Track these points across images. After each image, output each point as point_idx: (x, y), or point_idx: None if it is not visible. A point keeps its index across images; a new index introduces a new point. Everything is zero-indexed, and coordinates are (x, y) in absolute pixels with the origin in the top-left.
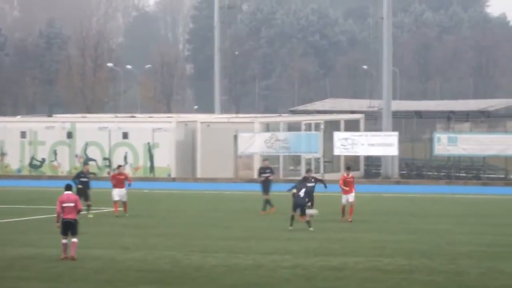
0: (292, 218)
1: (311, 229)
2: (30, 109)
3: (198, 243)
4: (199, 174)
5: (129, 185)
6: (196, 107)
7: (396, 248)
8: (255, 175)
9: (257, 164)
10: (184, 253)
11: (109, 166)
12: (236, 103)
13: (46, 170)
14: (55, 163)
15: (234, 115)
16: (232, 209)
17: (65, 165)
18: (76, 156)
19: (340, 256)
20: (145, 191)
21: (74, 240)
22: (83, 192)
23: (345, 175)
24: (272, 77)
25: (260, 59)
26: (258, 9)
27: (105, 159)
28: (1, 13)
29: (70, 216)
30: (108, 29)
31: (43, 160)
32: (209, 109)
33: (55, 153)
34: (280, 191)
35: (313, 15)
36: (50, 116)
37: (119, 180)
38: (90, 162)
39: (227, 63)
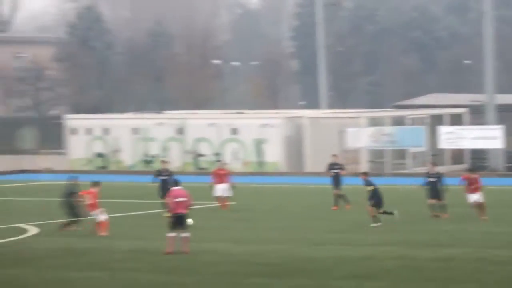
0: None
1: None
2: (140, 107)
3: (307, 236)
4: (307, 169)
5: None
6: (302, 102)
7: (504, 240)
8: (363, 169)
9: (363, 159)
10: (295, 245)
11: (219, 161)
12: (342, 98)
13: (157, 165)
14: (166, 159)
15: (340, 110)
16: (341, 202)
17: (176, 161)
18: (187, 152)
19: (448, 247)
20: (254, 185)
21: (186, 234)
22: (163, 190)
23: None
24: (376, 72)
25: (363, 55)
26: (360, 6)
27: (215, 154)
28: (112, 13)
29: (181, 211)
30: (213, 26)
31: (155, 156)
32: (315, 105)
33: (166, 149)
34: (386, 184)
35: (415, 11)
36: (160, 113)
37: (219, 175)
38: (200, 158)
39: (331, 59)
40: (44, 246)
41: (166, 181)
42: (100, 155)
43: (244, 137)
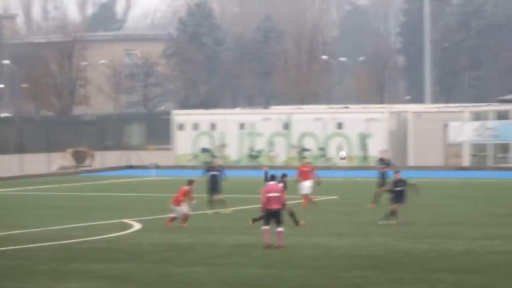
0: None
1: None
2: (248, 101)
3: (408, 229)
4: (410, 162)
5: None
6: (408, 97)
7: None
8: (465, 162)
9: (466, 153)
10: (396, 239)
11: (324, 156)
12: (446, 93)
13: (263, 160)
14: (272, 154)
15: (444, 105)
16: (442, 195)
17: (282, 155)
18: (292, 146)
19: None
20: (359, 179)
21: (280, 229)
22: (214, 186)
23: None
24: (482, 67)
25: (469, 50)
26: (467, 1)
27: (320, 149)
28: (222, 10)
29: (275, 206)
30: (322, 22)
31: (261, 151)
32: (420, 99)
33: (272, 144)
34: (488, 178)
35: None
36: (267, 108)
37: (303, 172)
38: (306, 152)
39: (437, 54)
40: (148, 241)
41: (215, 176)
42: (205, 150)
43: (350, 131)
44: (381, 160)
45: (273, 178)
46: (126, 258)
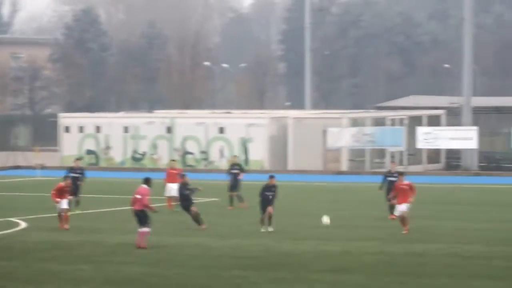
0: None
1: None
2: (133, 106)
3: (289, 230)
4: (290, 166)
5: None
6: (288, 103)
7: (475, 236)
8: (343, 167)
9: (344, 157)
10: (276, 240)
11: (206, 159)
12: (326, 99)
13: (147, 163)
14: (155, 156)
15: (323, 111)
16: (321, 199)
17: (165, 158)
18: (175, 149)
19: (422, 242)
20: (241, 183)
21: (143, 230)
22: (73, 188)
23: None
24: (359, 75)
25: (348, 58)
26: (346, 12)
27: (202, 152)
28: (108, 16)
29: (137, 207)
30: (205, 29)
31: (144, 154)
32: (300, 106)
33: (155, 146)
34: (365, 182)
35: (398, 17)
36: (150, 112)
37: (171, 174)
38: (188, 155)
39: (317, 62)
40: (34, 240)
41: (75, 178)
42: (91, 152)
43: (231, 136)
44: (233, 165)
45: (147, 181)
46: (11, 256)
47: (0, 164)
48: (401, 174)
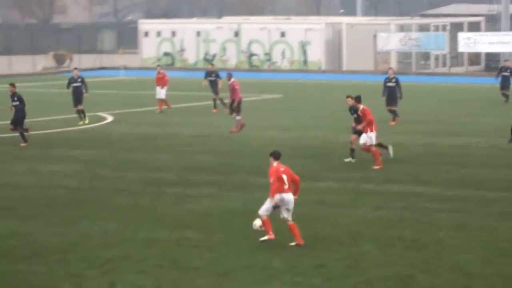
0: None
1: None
2: (204, 13)
3: (344, 124)
4: (344, 67)
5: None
6: (341, 11)
7: None
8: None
9: (393, 60)
10: (333, 133)
11: (269, 60)
12: (375, 7)
13: (217, 63)
14: (224, 58)
15: (373, 17)
16: (374, 96)
17: (233, 59)
18: (242, 51)
19: (465, 136)
20: (299, 81)
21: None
22: (76, 98)
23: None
24: None
25: None
26: None
27: (265, 54)
28: None
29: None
30: None
31: (215, 55)
32: (352, 13)
33: (224, 49)
34: (411, 81)
35: None
36: (220, 18)
37: (158, 79)
38: (253, 57)
39: None
40: (118, 132)
41: (77, 88)
42: (167, 54)
43: (291, 39)
44: (209, 72)
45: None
46: (99, 146)
47: (88, 65)
48: None
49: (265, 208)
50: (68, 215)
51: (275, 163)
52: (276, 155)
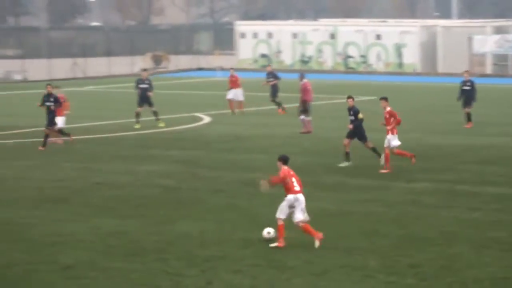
0: None
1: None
2: (300, 15)
3: (438, 127)
4: (439, 70)
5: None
6: (436, 13)
7: None
8: (488, 70)
9: (489, 62)
10: (424, 134)
11: (365, 62)
12: (470, 10)
13: (313, 65)
14: (320, 59)
15: (468, 20)
16: None
17: (329, 61)
18: (338, 53)
19: None
20: (396, 83)
21: (308, 118)
22: (145, 99)
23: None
24: None
25: None
26: None
27: (361, 56)
28: None
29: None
30: None
31: (311, 57)
32: (447, 15)
33: (320, 51)
34: (508, 84)
35: None
36: (316, 20)
37: (232, 81)
38: (349, 59)
39: None
40: (215, 132)
41: (145, 89)
42: (264, 55)
43: (386, 41)
44: (269, 74)
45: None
46: (196, 146)
47: (186, 66)
48: None
49: (280, 209)
50: (165, 215)
51: (285, 167)
52: (285, 160)
